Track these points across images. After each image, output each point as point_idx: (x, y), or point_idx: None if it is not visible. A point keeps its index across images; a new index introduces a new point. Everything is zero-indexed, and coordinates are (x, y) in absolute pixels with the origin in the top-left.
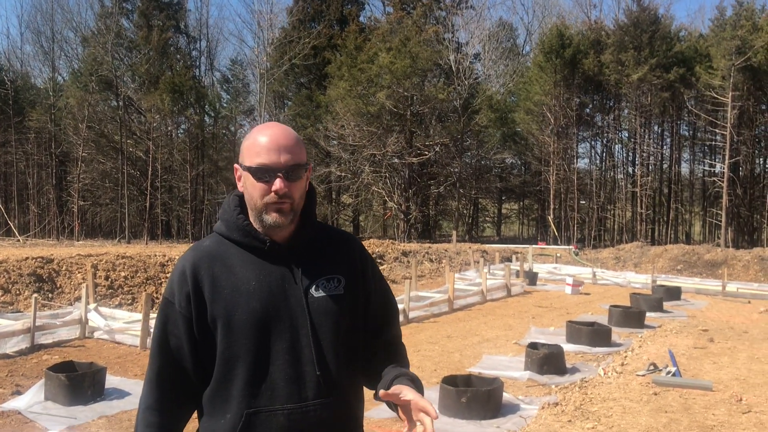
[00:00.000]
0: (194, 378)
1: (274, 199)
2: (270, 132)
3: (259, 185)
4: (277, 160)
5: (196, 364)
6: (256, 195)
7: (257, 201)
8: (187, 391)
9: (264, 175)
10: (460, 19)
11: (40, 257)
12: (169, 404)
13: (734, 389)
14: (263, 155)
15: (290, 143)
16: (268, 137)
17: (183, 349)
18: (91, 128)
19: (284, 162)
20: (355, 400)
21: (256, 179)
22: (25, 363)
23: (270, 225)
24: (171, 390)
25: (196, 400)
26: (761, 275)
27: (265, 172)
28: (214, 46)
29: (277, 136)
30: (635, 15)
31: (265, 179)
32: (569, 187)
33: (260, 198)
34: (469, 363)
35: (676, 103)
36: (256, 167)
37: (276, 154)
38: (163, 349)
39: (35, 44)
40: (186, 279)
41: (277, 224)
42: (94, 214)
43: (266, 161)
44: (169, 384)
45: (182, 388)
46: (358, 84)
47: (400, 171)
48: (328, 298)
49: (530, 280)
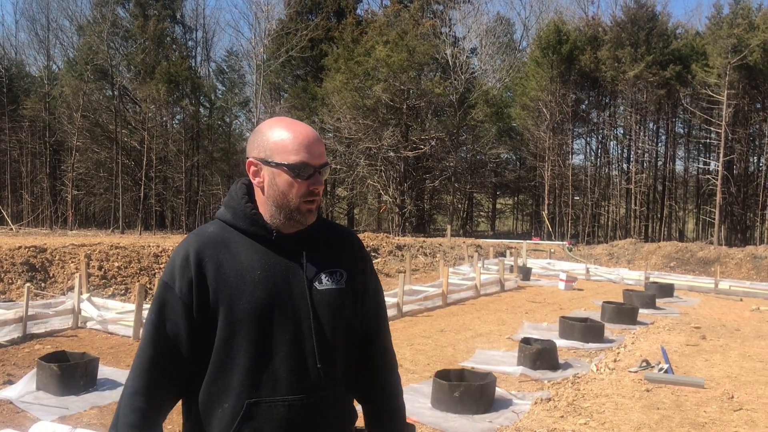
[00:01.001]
0: (187, 366)
1: (311, 198)
2: (300, 129)
3: (297, 183)
4: (317, 158)
5: (191, 352)
6: (293, 193)
7: (293, 199)
8: (177, 379)
9: (303, 173)
10: (457, 14)
11: (33, 246)
12: (157, 391)
13: (726, 387)
14: (303, 153)
15: (319, 141)
16: (302, 134)
17: (180, 336)
18: (86, 117)
19: (318, 162)
20: (349, 392)
21: (294, 176)
22: (17, 352)
23: (300, 222)
24: (161, 377)
25: (184, 389)
26: (753, 273)
27: (304, 169)
28: (210, 37)
29: (310, 134)
30: (633, 12)
31: (304, 177)
32: (564, 183)
33: (297, 196)
34: (462, 357)
35: (672, 100)
36: (296, 164)
37: (314, 153)
38: (158, 334)
39: (30, 32)
40: (189, 265)
41: (308, 222)
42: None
43: (307, 159)
44: (161, 370)
45: (173, 375)
46: (354, 77)
47: (395, 164)
48: (331, 292)
49: (524, 276)
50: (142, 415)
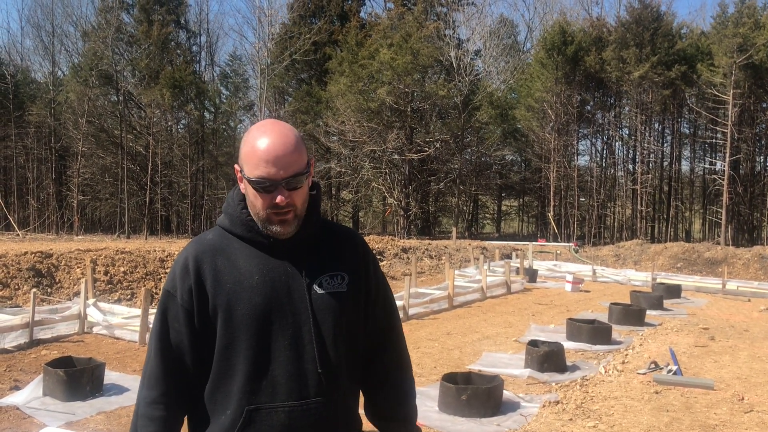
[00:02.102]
0: (193, 372)
1: (277, 211)
2: (268, 140)
3: (258, 195)
4: (276, 173)
5: (195, 359)
6: (258, 206)
7: (260, 211)
8: (189, 385)
9: (264, 188)
10: (461, 16)
11: (39, 252)
12: (173, 398)
13: (736, 388)
14: (262, 167)
15: (288, 151)
16: (267, 147)
17: (183, 343)
18: (91, 123)
19: (284, 174)
20: (354, 397)
21: (255, 189)
22: (23, 358)
23: (275, 233)
24: (175, 384)
25: (195, 395)
26: (761, 273)
27: (265, 184)
28: (214, 41)
29: (276, 146)
30: (637, 12)
31: (266, 191)
32: (569, 185)
33: (263, 209)
34: (469, 360)
35: (677, 100)
36: (256, 180)
37: (275, 167)
38: (164, 343)
39: (35, 38)
40: (188, 271)
41: (281, 235)
42: (93, 208)
43: (265, 174)
44: (173, 378)
45: (185, 382)
46: (358, 80)
47: (400, 167)
48: (332, 295)
49: (530, 278)
50: (163, 423)
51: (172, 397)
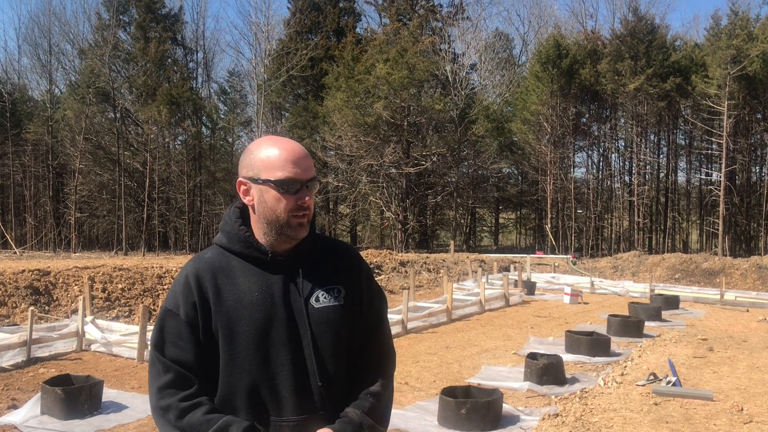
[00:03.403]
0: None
1: (297, 213)
2: (285, 145)
3: (284, 198)
4: (302, 172)
5: (200, 373)
6: (281, 208)
7: (281, 214)
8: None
9: (291, 188)
10: (456, 30)
11: (37, 270)
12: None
13: (735, 399)
14: (288, 168)
15: (306, 155)
16: (287, 150)
17: (187, 358)
18: (88, 140)
19: (307, 176)
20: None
21: (281, 192)
22: (21, 377)
23: (292, 237)
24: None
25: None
26: (759, 284)
27: (291, 184)
28: (211, 58)
29: (296, 149)
30: (631, 25)
31: (292, 192)
32: (566, 197)
33: (285, 211)
34: (468, 374)
35: (672, 112)
36: (283, 180)
37: (300, 167)
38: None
39: (32, 57)
40: (191, 289)
41: (300, 237)
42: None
43: (292, 174)
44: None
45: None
46: (355, 95)
47: (397, 181)
48: (329, 309)
49: (528, 290)
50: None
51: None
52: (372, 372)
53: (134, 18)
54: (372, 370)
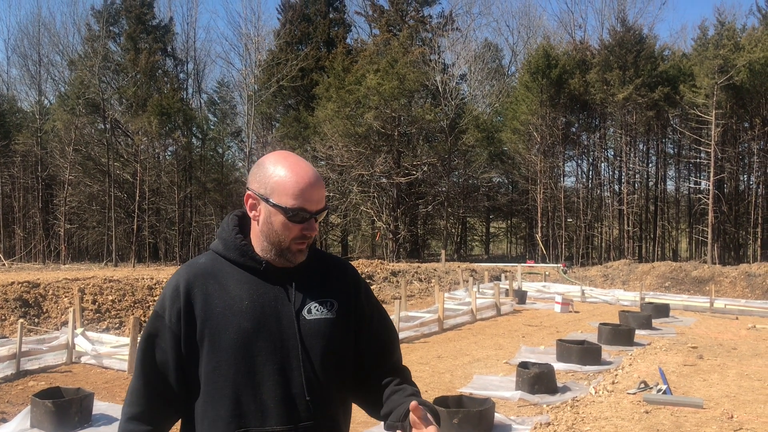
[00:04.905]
0: (177, 393)
1: (303, 241)
2: (302, 172)
3: (291, 226)
4: (314, 204)
5: (179, 380)
6: (286, 235)
7: (284, 240)
8: (171, 404)
9: (300, 218)
10: (445, 41)
11: (26, 282)
12: (153, 416)
13: (725, 406)
14: (302, 199)
15: (321, 186)
16: (304, 180)
17: (168, 364)
18: (78, 151)
19: (317, 208)
20: (344, 422)
21: (290, 220)
22: (10, 389)
23: (290, 261)
24: (157, 402)
25: (180, 413)
26: (748, 291)
27: (301, 215)
28: (201, 69)
29: (312, 179)
30: (620, 35)
31: (298, 220)
32: (556, 206)
33: (289, 239)
34: (460, 383)
35: (661, 121)
36: (295, 209)
37: (313, 199)
38: (149, 361)
39: (22, 68)
40: (179, 295)
41: (298, 262)
42: (80, 237)
43: (306, 206)
44: (155, 395)
45: (167, 400)
46: (345, 105)
47: (388, 191)
48: (320, 321)
49: (520, 299)
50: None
51: (152, 415)
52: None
53: (124, 29)
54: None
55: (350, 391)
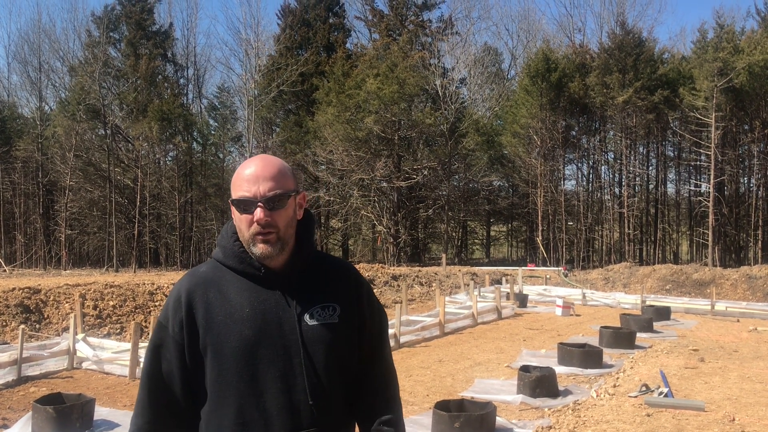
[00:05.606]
0: (183, 403)
1: (258, 230)
2: (253, 164)
3: (242, 217)
4: (257, 190)
5: (185, 390)
6: (243, 227)
7: (244, 233)
8: (178, 414)
9: (246, 207)
10: (445, 45)
11: (27, 288)
12: (159, 427)
13: (727, 409)
14: (244, 187)
15: (271, 173)
16: (251, 169)
17: (173, 374)
18: (79, 157)
19: (264, 192)
20: (348, 426)
21: (239, 211)
22: (11, 396)
23: (258, 256)
24: (163, 413)
25: (187, 423)
26: (749, 294)
27: (245, 203)
28: (201, 74)
29: (258, 168)
30: (619, 38)
31: (247, 211)
32: (557, 209)
33: (246, 230)
34: (461, 387)
35: (661, 124)
36: (237, 199)
37: (255, 186)
38: (155, 372)
39: (22, 74)
40: (181, 305)
41: (265, 255)
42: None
43: (246, 193)
44: (161, 406)
45: (174, 411)
46: (346, 110)
47: (388, 195)
48: (323, 327)
49: (521, 303)
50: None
51: (159, 427)
52: (380, 395)
53: (124, 35)
54: (380, 394)
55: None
